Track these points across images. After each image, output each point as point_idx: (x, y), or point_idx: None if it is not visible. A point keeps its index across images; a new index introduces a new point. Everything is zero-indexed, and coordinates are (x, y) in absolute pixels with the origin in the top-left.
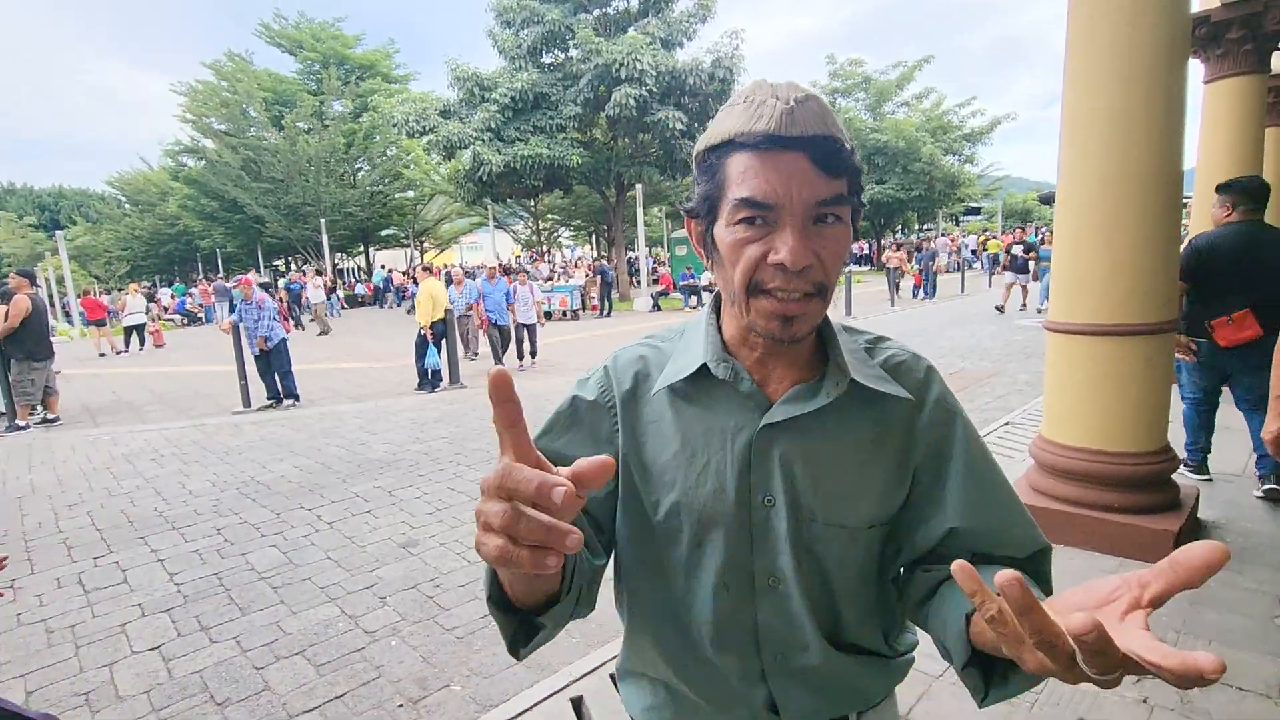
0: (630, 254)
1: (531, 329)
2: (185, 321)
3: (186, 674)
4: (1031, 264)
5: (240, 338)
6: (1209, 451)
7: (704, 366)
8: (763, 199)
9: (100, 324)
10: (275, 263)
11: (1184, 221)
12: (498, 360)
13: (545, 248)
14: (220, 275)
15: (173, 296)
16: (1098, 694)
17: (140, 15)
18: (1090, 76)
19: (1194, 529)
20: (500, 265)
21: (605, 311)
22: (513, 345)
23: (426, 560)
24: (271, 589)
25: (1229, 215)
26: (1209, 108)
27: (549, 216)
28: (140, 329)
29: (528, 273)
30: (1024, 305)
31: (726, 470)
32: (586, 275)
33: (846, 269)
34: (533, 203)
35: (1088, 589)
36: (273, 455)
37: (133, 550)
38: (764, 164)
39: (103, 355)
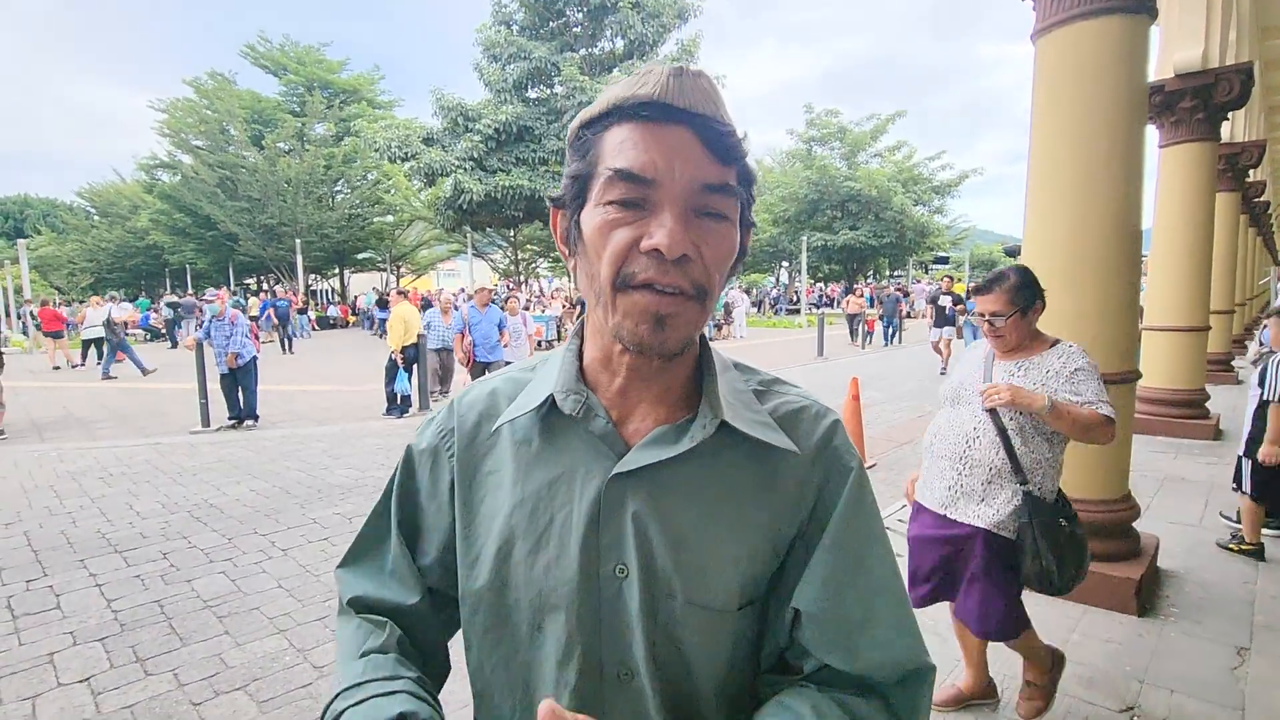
0: None
1: None
2: (148, 337)
3: (116, 709)
4: (960, 317)
5: (204, 355)
6: None
7: (552, 400)
8: (640, 171)
9: (57, 336)
10: (246, 281)
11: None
12: None
13: (523, 278)
14: (190, 291)
15: (135, 310)
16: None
17: (124, 35)
18: (1054, 136)
19: (1154, 577)
20: (490, 289)
21: None
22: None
23: None
24: (216, 618)
25: None
26: (1164, 171)
27: (528, 247)
28: (99, 342)
29: (518, 299)
30: (944, 368)
31: (571, 531)
32: (563, 306)
33: (818, 311)
34: (512, 233)
35: None
36: (229, 477)
37: (69, 574)
38: (645, 135)
39: (57, 368)
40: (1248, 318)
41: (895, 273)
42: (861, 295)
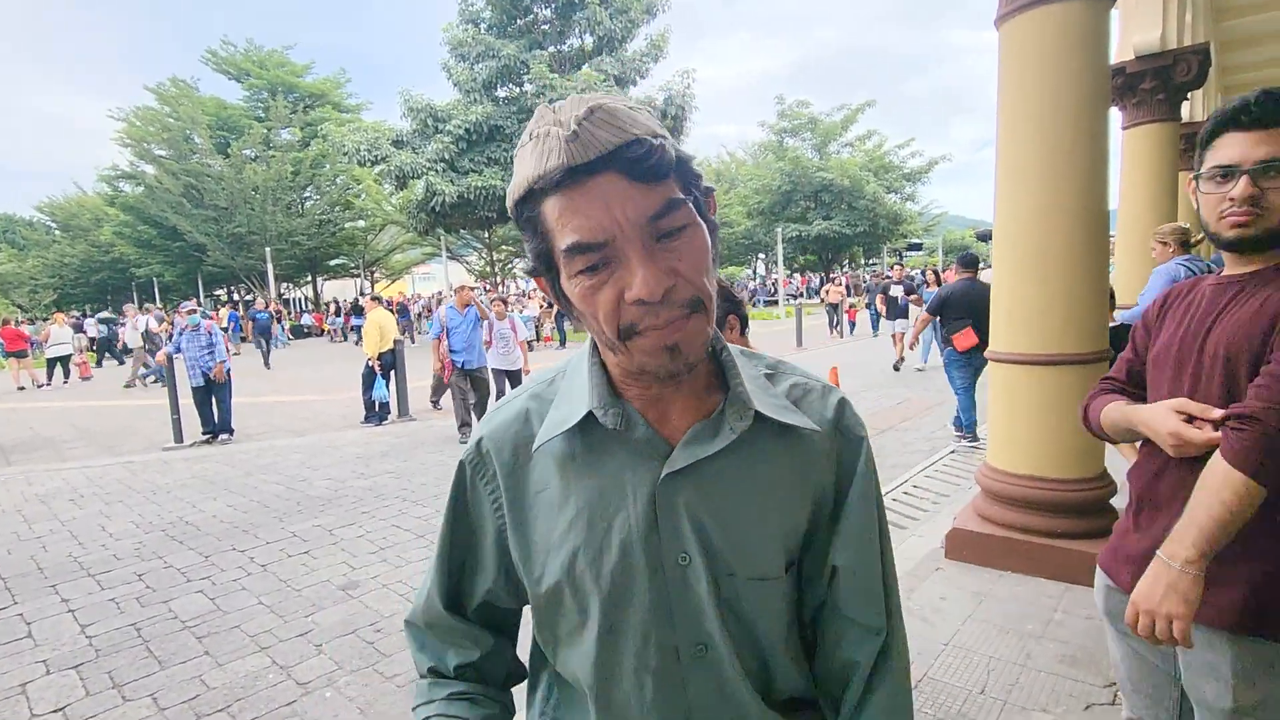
0: None
1: (515, 377)
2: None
3: None
4: (914, 308)
5: (174, 369)
6: (977, 424)
7: (590, 415)
8: (590, 238)
9: (21, 355)
10: (216, 292)
11: (1110, 259)
12: (463, 425)
13: (500, 279)
14: (159, 305)
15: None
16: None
17: (83, 42)
18: (1020, 121)
19: None
20: (471, 288)
21: (561, 342)
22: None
23: (367, 603)
24: (195, 639)
25: (959, 274)
26: (1128, 152)
27: (503, 248)
28: (65, 360)
29: (505, 302)
30: (900, 361)
31: (631, 532)
32: (541, 306)
33: (795, 301)
34: (487, 234)
35: None
36: (204, 494)
37: (40, 600)
38: (574, 200)
39: (22, 389)
40: None
41: (870, 260)
42: (840, 284)
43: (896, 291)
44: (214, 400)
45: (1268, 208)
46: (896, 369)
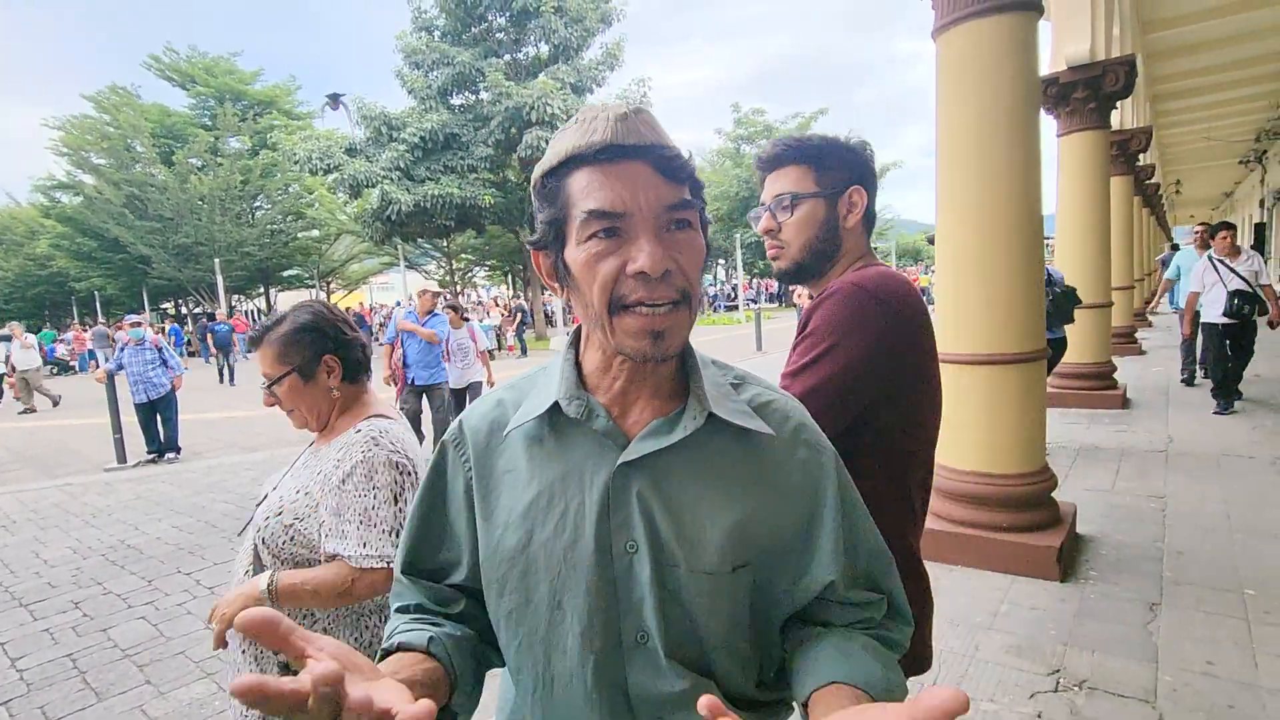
0: (546, 294)
1: (477, 389)
2: (55, 371)
3: None
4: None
5: (115, 387)
6: None
7: (557, 405)
8: (611, 208)
9: None
10: (163, 305)
11: (1047, 261)
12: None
13: (459, 287)
14: (102, 320)
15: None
16: (995, 709)
17: (11, 49)
18: (957, 128)
19: (1074, 544)
20: (435, 294)
21: (523, 351)
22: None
23: None
24: (136, 667)
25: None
26: (1063, 158)
27: (463, 256)
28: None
29: (457, 310)
30: None
31: (585, 516)
32: (503, 315)
33: (756, 305)
34: (445, 242)
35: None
36: (149, 515)
37: None
38: (607, 175)
39: None
40: (1146, 292)
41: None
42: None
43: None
44: (159, 418)
45: (787, 241)
46: None
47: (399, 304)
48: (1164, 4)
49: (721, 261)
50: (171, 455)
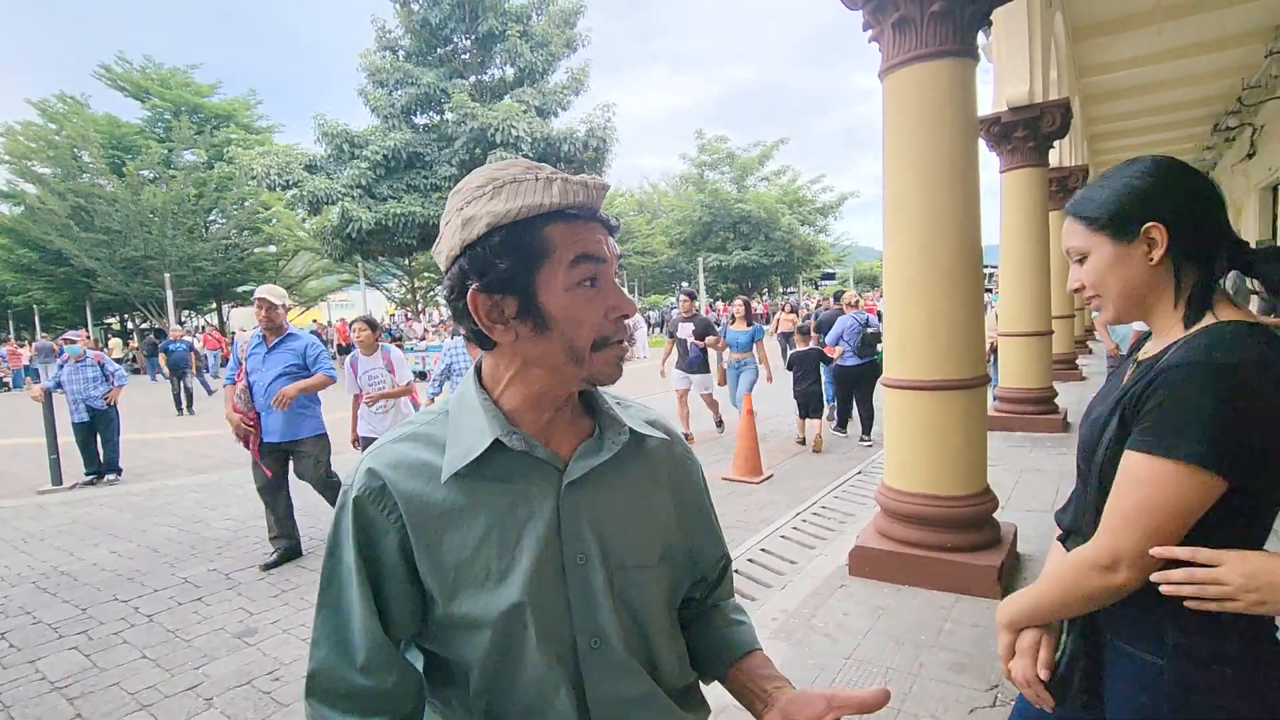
0: None
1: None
2: None
3: None
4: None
5: (53, 405)
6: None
7: (496, 442)
8: (596, 253)
9: None
10: (108, 320)
11: (987, 288)
12: (277, 539)
13: (421, 306)
14: (45, 334)
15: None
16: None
17: None
18: (901, 163)
19: (1015, 563)
20: (370, 327)
21: None
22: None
23: (265, 650)
24: (66, 700)
25: (831, 305)
26: (1006, 194)
27: (425, 275)
28: None
29: (374, 325)
30: (688, 433)
31: (539, 537)
32: (464, 334)
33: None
34: (407, 260)
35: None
36: (85, 540)
37: None
38: (584, 229)
39: None
40: (1087, 321)
41: (788, 289)
42: (790, 310)
43: (685, 332)
44: (99, 438)
45: None
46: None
47: (242, 330)
48: (1097, 51)
49: (684, 284)
50: (111, 477)
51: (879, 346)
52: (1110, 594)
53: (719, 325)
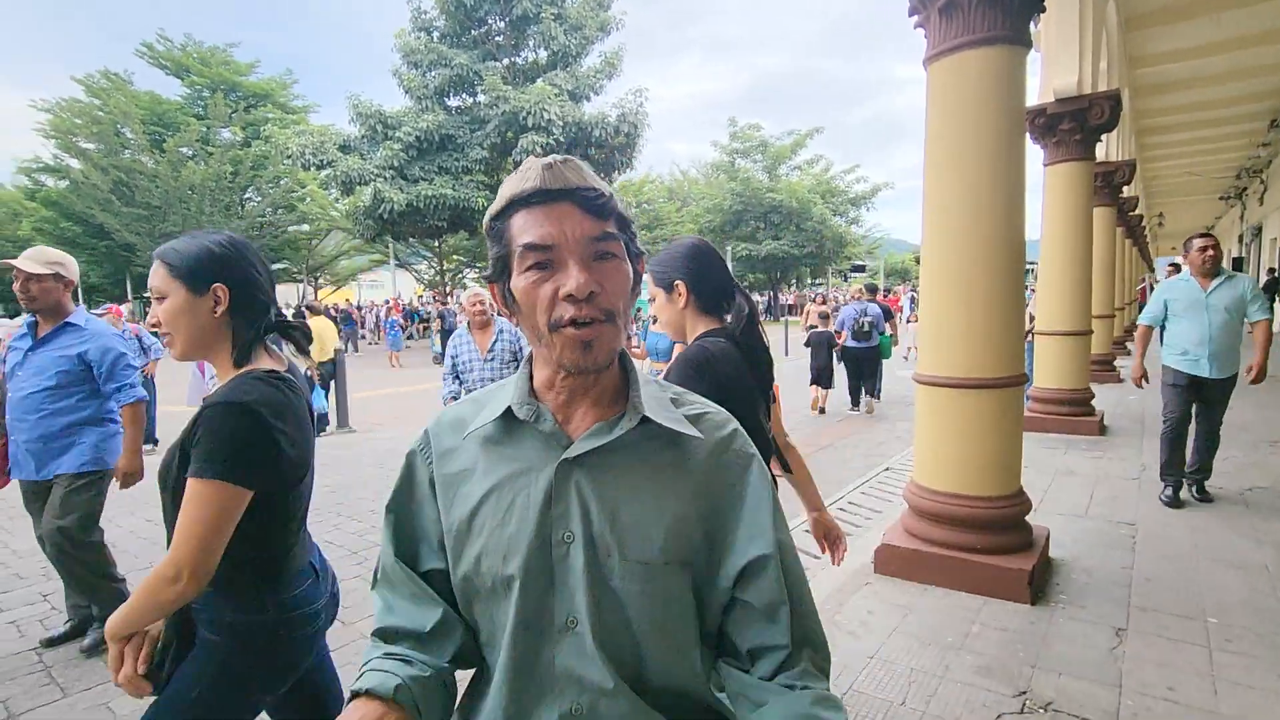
0: None
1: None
2: None
3: None
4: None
5: None
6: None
7: (510, 411)
8: (541, 241)
9: None
10: (145, 294)
11: (1029, 286)
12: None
13: (449, 288)
14: (86, 306)
15: None
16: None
17: (6, 31)
18: (945, 154)
19: (1046, 567)
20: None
21: None
22: None
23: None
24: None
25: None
26: (1049, 188)
27: (454, 257)
28: None
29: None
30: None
31: (530, 508)
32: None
33: None
34: (437, 243)
35: None
36: (122, 509)
37: None
38: (538, 215)
39: None
40: (1127, 321)
41: (816, 280)
42: (822, 301)
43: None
44: None
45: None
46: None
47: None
48: (1151, 41)
49: None
50: (148, 447)
51: (874, 333)
52: (177, 600)
53: (640, 327)
